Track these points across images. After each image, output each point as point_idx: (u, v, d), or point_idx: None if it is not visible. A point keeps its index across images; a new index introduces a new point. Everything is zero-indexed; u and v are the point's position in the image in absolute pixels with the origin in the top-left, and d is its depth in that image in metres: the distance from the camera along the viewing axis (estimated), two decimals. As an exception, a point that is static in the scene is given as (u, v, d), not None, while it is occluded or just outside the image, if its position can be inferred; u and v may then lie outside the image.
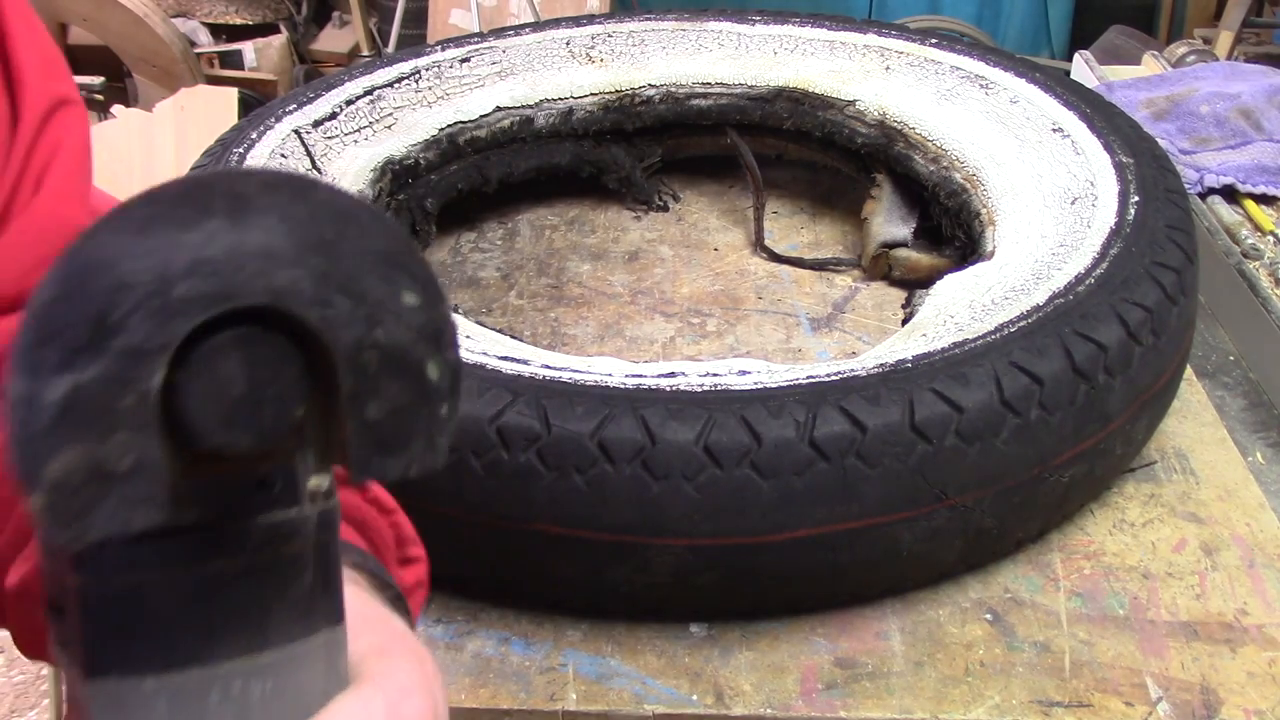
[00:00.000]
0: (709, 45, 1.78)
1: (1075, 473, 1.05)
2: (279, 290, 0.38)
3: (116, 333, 0.36)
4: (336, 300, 0.39)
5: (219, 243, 0.37)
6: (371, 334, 0.39)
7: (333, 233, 0.39)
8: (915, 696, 0.95)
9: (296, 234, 0.38)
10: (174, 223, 0.37)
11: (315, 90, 1.60)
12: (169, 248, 0.37)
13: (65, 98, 0.65)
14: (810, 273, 1.60)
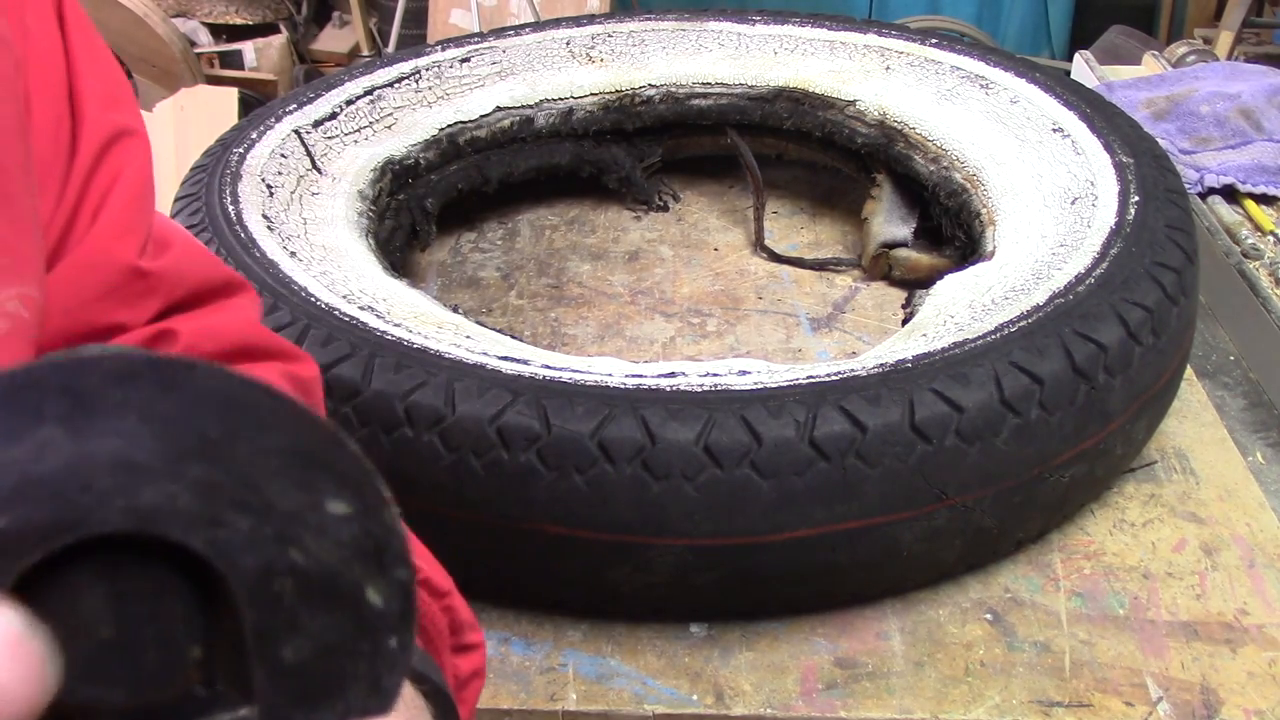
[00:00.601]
0: (709, 45, 1.78)
1: (1075, 473, 1.05)
2: (145, 512, 0.30)
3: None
4: (231, 518, 0.31)
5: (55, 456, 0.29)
6: (285, 556, 0.31)
7: (219, 429, 0.31)
8: (915, 696, 0.95)
9: (165, 437, 0.31)
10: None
11: (315, 90, 1.60)
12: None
13: (126, 128, 0.63)
14: (810, 273, 1.60)
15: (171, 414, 0.31)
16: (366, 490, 0.33)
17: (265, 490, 0.31)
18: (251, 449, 0.32)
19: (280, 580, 0.31)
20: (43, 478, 0.29)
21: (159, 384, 0.31)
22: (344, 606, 0.32)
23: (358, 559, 0.33)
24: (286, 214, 1.34)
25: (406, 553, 0.33)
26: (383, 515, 0.33)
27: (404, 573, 0.34)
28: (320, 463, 0.33)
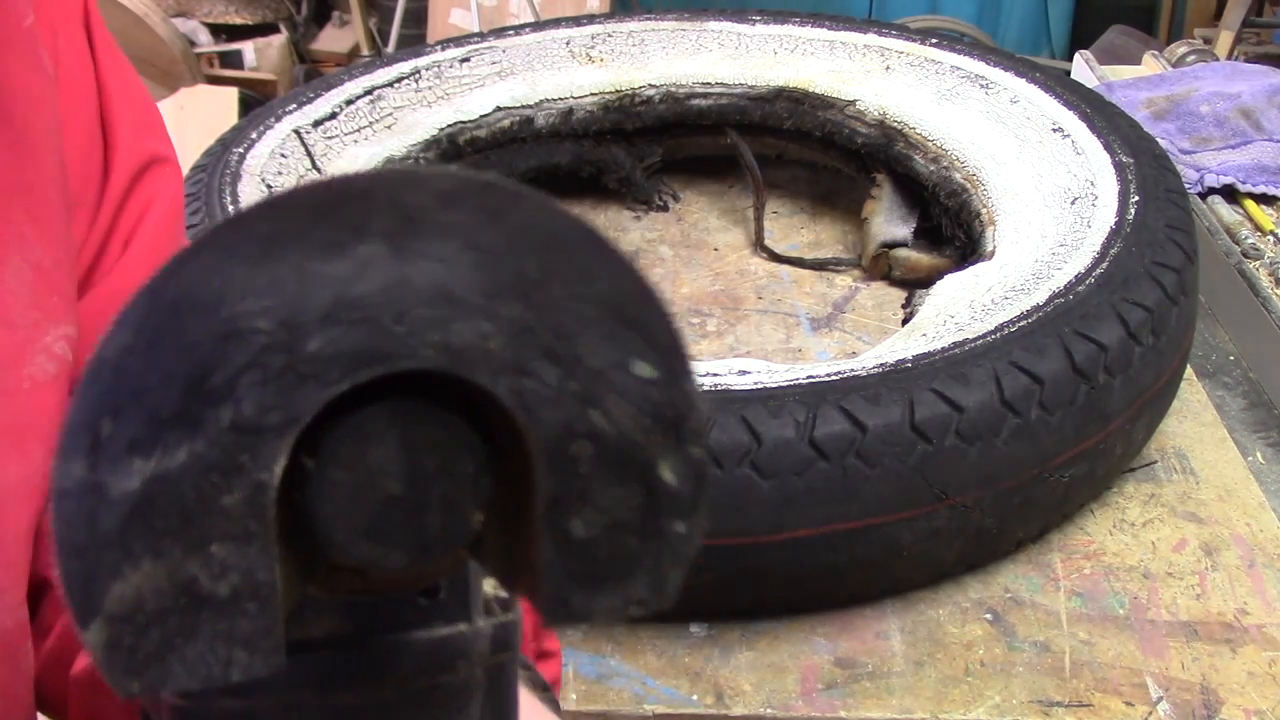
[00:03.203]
0: (709, 45, 1.78)
1: (1075, 473, 1.05)
2: (458, 350, 0.27)
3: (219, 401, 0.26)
4: (539, 367, 0.28)
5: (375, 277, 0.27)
6: (586, 418, 0.28)
7: (539, 269, 0.28)
8: (915, 696, 0.95)
9: (487, 269, 0.28)
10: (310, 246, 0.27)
11: (315, 90, 1.60)
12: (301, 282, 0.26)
13: (158, 155, 0.63)
14: (810, 273, 1.60)
15: (494, 244, 0.28)
16: (674, 355, 0.30)
17: (576, 341, 0.28)
18: (567, 293, 0.28)
19: (579, 443, 0.28)
20: (359, 299, 0.27)
21: (486, 210, 0.29)
22: (637, 480, 0.29)
23: (657, 429, 0.29)
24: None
25: (704, 429, 0.30)
26: (685, 385, 0.30)
27: (699, 451, 0.30)
28: (632, 318, 0.29)
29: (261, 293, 0.26)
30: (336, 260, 0.27)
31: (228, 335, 0.26)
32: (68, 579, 0.27)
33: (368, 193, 0.28)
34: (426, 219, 0.28)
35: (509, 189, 0.30)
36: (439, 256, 0.27)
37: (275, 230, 0.27)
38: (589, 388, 0.28)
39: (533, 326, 0.28)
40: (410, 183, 0.29)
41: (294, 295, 0.26)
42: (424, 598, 0.33)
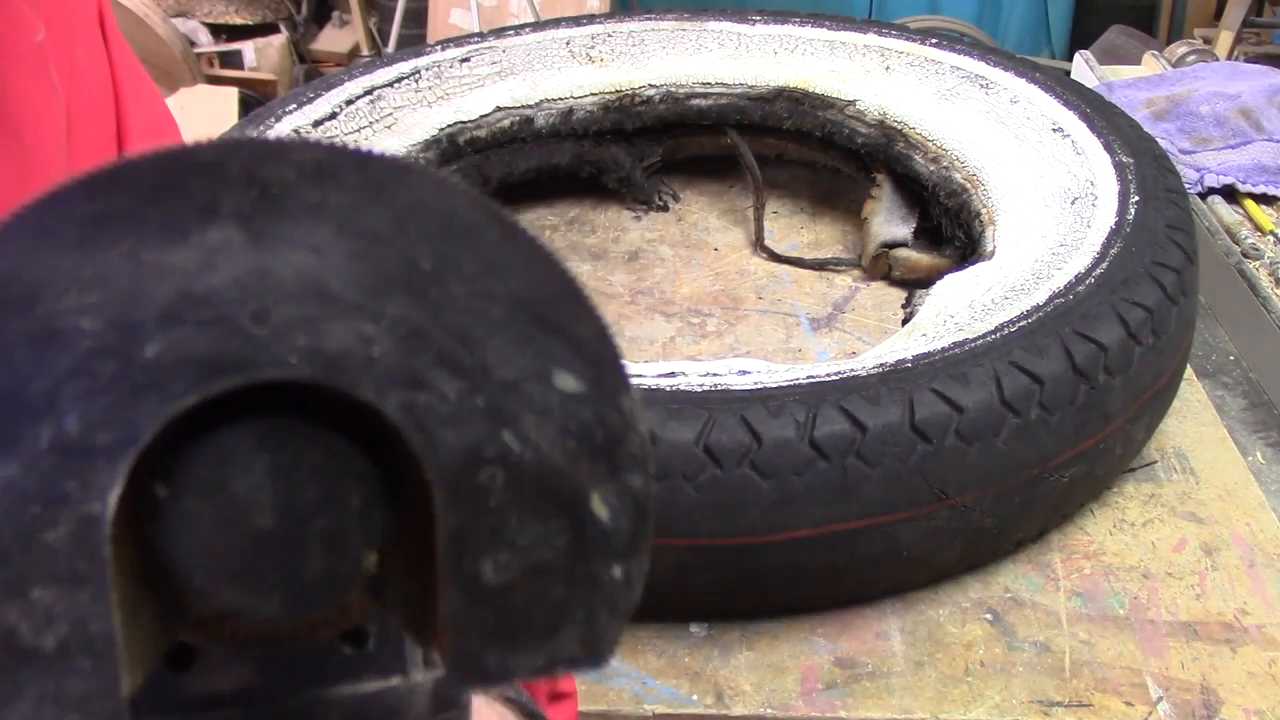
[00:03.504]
0: (709, 45, 1.78)
1: (1075, 473, 1.05)
2: (334, 357, 0.23)
3: (37, 416, 0.22)
4: (435, 378, 0.23)
5: (227, 268, 0.23)
6: (496, 439, 0.24)
7: (434, 259, 0.24)
8: (915, 696, 0.95)
9: (368, 258, 0.23)
10: (146, 229, 0.22)
11: (315, 90, 1.60)
12: (135, 272, 0.22)
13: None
14: (810, 273, 1.60)
15: (377, 229, 0.24)
16: (605, 365, 0.25)
17: (481, 347, 0.24)
18: (470, 290, 0.24)
19: (488, 470, 0.24)
20: (209, 294, 0.22)
21: (365, 188, 0.24)
22: (562, 514, 0.25)
23: (585, 454, 0.25)
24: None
25: (645, 454, 0.25)
26: (619, 400, 0.25)
27: (638, 480, 0.25)
28: (552, 320, 0.24)
29: (86, 285, 0.22)
30: (179, 247, 0.22)
31: (46, 336, 0.22)
32: None
33: (217, 165, 0.23)
34: (291, 197, 0.23)
35: (392, 162, 0.25)
36: (307, 243, 0.23)
37: (103, 209, 0.23)
38: (499, 403, 0.24)
39: (426, 329, 0.23)
40: (268, 153, 0.24)
41: (127, 289, 0.22)
42: (349, 646, 0.29)
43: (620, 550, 0.25)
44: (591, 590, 0.25)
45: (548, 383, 0.24)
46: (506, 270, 0.24)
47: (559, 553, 0.25)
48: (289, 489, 0.24)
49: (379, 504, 0.25)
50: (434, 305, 0.24)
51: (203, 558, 0.24)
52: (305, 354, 0.23)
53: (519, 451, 0.24)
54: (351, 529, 0.24)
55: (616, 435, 0.25)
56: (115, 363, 0.22)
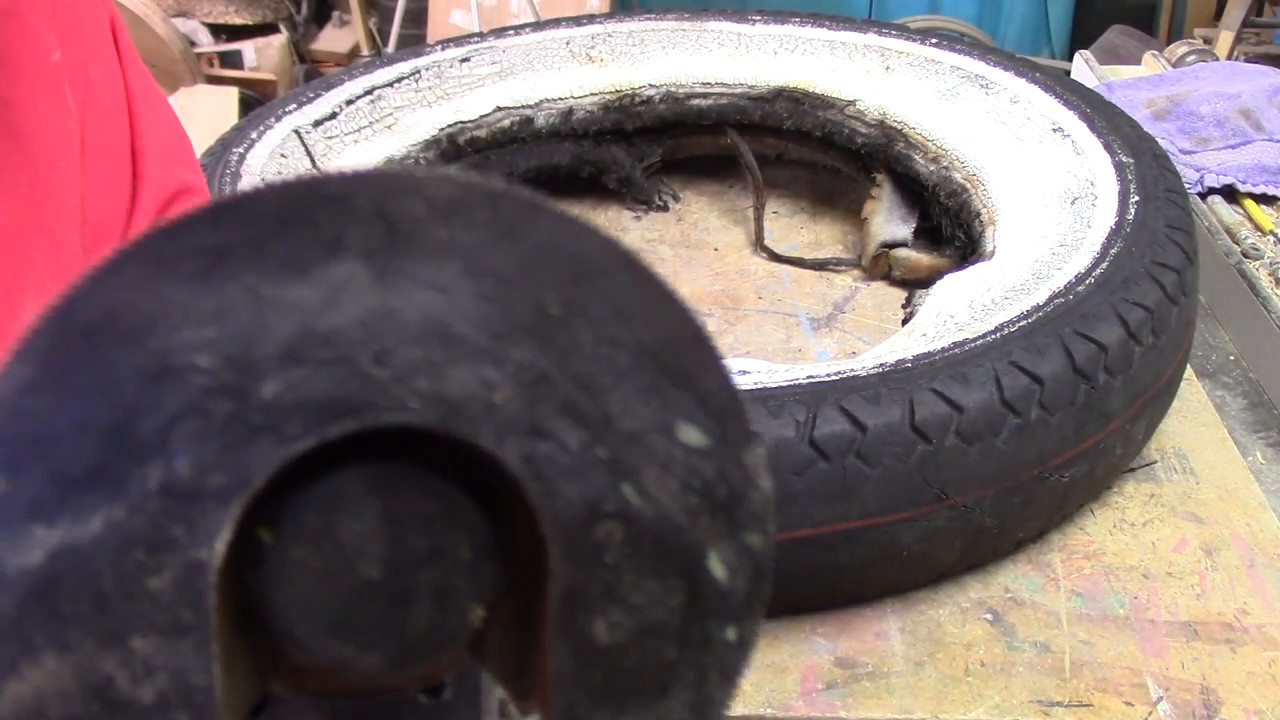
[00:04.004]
0: (709, 45, 1.78)
1: (1075, 473, 1.05)
2: (455, 402, 0.22)
3: (147, 456, 0.20)
4: (558, 428, 0.22)
5: (351, 306, 0.21)
6: (616, 493, 0.23)
7: (562, 302, 0.22)
8: (915, 696, 0.95)
9: (496, 301, 0.22)
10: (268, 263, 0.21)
11: (315, 90, 1.60)
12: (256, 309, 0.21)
13: (187, 184, 0.62)
14: (810, 273, 1.60)
15: (506, 270, 0.22)
16: (731, 418, 0.24)
17: (606, 396, 0.22)
18: (598, 336, 0.22)
19: (606, 525, 0.23)
20: (330, 333, 0.21)
21: (496, 226, 0.22)
22: (678, 573, 0.23)
23: (706, 510, 0.23)
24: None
25: (766, 512, 0.24)
26: (744, 456, 0.24)
27: (758, 539, 0.24)
28: (680, 370, 0.23)
29: (204, 321, 0.21)
30: (302, 282, 0.21)
31: (160, 373, 0.20)
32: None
33: (345, 198, 0.22)
34: (419, 234, 0.22)
35: (526, 200, 0.23)
36: (434, 283, 0.22)
37: (225, 242, 0.21)
38: (621, 456, 0.22)
39: (551, 376, 0.22)
40: (400, 187, 0.22)
41: (246, 326, 0.21)
42: (425, 695, 0.27)
43: (735, 611, 0.25)
44: (704, 652, 0.24)
45: (672, 435, 0.23)
46: (635, 316, 0.23)
47: (673, 612, 0.24)
48: (399, 538, 0.23)
49: (490, 557, 0.24)
50: (560, 351, 0.22)
51: (306, 608, 0.22)
52: (426, 398, 0.21)
53: (639, 506, 0.23)
54: (461, 582, 0.23)
55: (739, 492, 0.24)
56: (231, 402, 0.21)
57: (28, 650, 0.20)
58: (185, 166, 0.63)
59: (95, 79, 0.58)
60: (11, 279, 0.51)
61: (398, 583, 0.23)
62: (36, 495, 0.20)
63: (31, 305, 0.52)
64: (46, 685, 0.20)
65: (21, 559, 0.20)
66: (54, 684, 0.20)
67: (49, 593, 0.20)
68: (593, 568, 0.23)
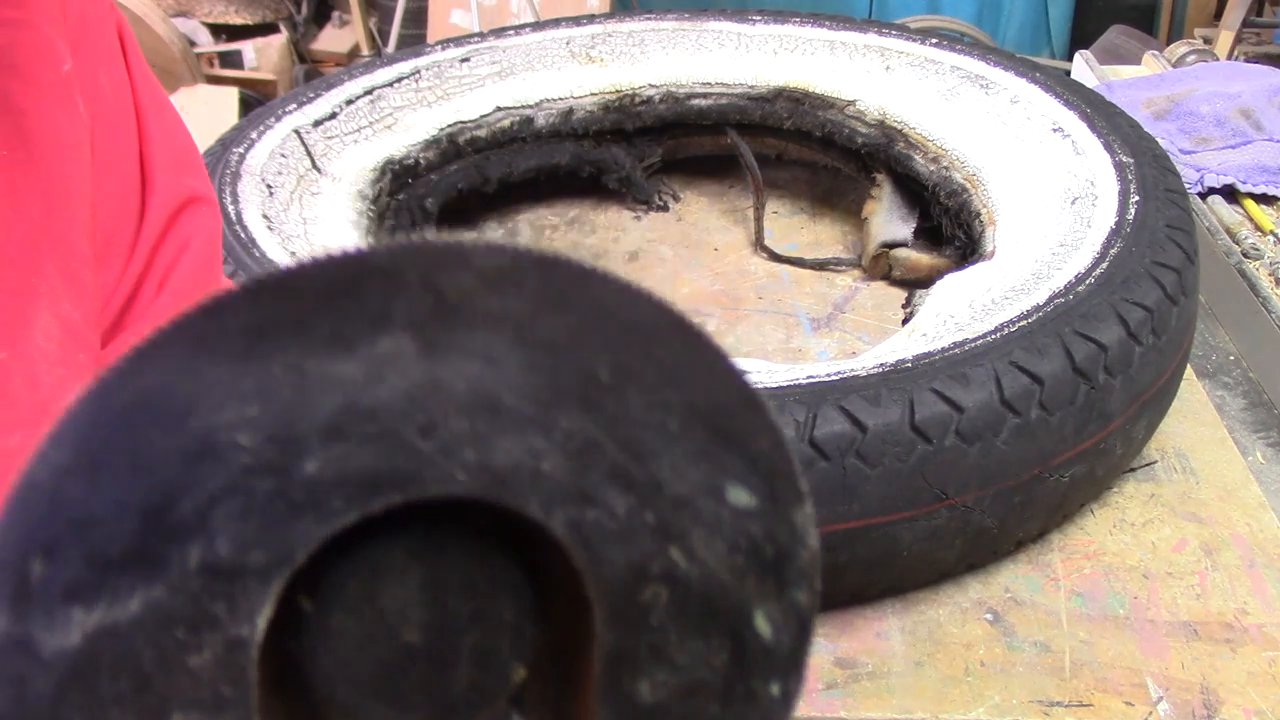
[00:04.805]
0: (709, 45, 1.78)
1: (1075, 473, 1.05)
2: (502, 472, 0.22)
3: (187, 536, 0.21)
4: (606, 495, 0.22)
5: (397, 379, 0.21)
6: (663, 556, 0.23)
7: (612, 369, 0.22)
8: (915, 696, 0.95)
9: (544, 369, 0.22)
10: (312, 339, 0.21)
11: (315, 90, 1.60)
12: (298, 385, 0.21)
13: (195, 195, 0.62)
14: (810, 273, 1.60)
15: (556, 339, 0.22)
16: (781, 479, 0.24)
17: (655, 461, 0.22)
18: (647, 400, 0.22)
19: (652, 588, 0.23)
20: (375, 408, 0.21)
21: (546, 295, 0.22)
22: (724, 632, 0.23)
23: (753, 571, 0.24)
24: (286, 214, 1.34)
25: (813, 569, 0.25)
26: (793, 515, 0.25)
27: (804, 596, 0.25)
28: (730, 432, 0.23)
29: (245, 399, 0.21)
30: (347, 357, 0.21)
31: (200, 453, 0.20)
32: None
33: (392, 271, 0.22)
34: (468, 305, 0.22)
35: (578, 266, 0.23)
36: (482, 353, 0.21)
37: (267, 319, 0.21)
38: (669, 520, 0.22)
39: (599, 443, 0.22)
40: (449, 258, 0.22)
41: (288, 402, 0.21)
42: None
43: (780, 667, 0.24)
44: (748, 708, 0.24)
45: (720, 498, 0.23)
46: (686, 380, 0.23)
47: (717, 671, 0.24)
48: (441, 603, 0.23)
49: (532, 618, 0.24)
50: (609, 418, 0.22)
51: (348, 673, 0.22)
52: (472, 470, 0.21)
53: (685, 569, 0.23)
54: (503, 644, 0.23)
55: (786, 551, 0.24)
56: (272, 480, 0.21)
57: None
58: (194, 175, 0.63)
59: (104, 88, 0.58)
60: (24, 286, 0.51)
61: (439, 646, 0.23)
62: (74, 577, 0.20)
63: (43, 312, 0.52)
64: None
65: (59, 641, 0.20)
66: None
67: (88, 674, 0.20)
68: (638, 630, 0.23)
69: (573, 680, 0.24)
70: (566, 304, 0.23)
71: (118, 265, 0.58)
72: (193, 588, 0.20)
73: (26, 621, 0.20)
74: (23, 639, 0.20)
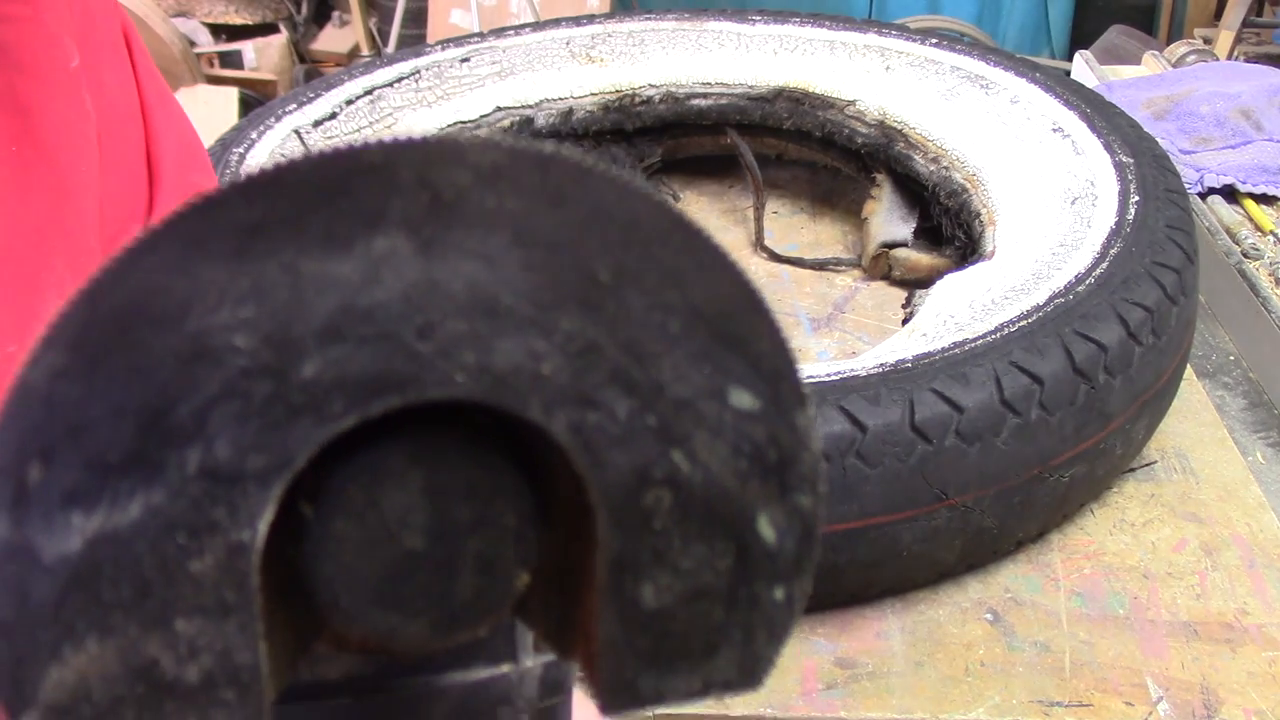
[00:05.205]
0: (709, 45, 1.78)
1: (1075, 473, 1.05)
2: (501, 375, 0.21)
3: (185, 440, 0.20)
4: (607, 397, 0.22)
5: (393, 280, 0.21)
6: (666, 460, 0.23)
7: (612, 269, 0.22)
8: (915, 696, 0.95)
9: (544, 269, 0.22)
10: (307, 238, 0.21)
11: (315, 90, 1.60)
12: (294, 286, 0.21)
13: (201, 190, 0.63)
14: (810, 273, 1.60)
15: (555, 238, 0.22)
16: (783, 380, 0.23)
17: (657, 364, 0.22)
18: (649, 303, 0.22)
19: (655, 492, 0.23)
20: (372, 309, 0.21)
21: (544, 192, 0.22)
22: (727, 536, 0.23)
23: (756, 474, 0.23)
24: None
25: (816, 473, 0.24)
26: (795, 418, 0.24)
27: (808, 500, 0.24)
28: (732, 334, 0.23)
29: (241, 300, 0.20)
30: (342, 257, 0.21)
31: (196, 355, 0.20)
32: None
33: (386, 167, 0.21)
34: (464, 203, 0.21)
35: (575, 163, 0.23)
36: (480, 253, 0.21)
37: (260, 217, 0.21)
38: (671, 422, 0.22)
39: (600, 345, 0.22)
40: (444, 155, 0.22)
41: (284, 303, 0.21)
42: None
43: (784, 572, 0.24)
44: (751, 612, 0.24)
45: (723, 400, 0.23)
46: (687, 280, 0.23)
47: (721, 575, 0.24)
48: (442, 508, 0.23)
49: (534, 523, 0.24)
50: (610, 319, 0.22)
51: (350, 579, 0.23)
52: (472, 372, 0.21)
53: (688, 472, 0.23)
54: (506, 549, 0.23)
55: (789, 454, 0.24)
56: (270, 383, 0.21)
57: (70, 636, 0.20)
58: (200, 171, 0.64)
59: (110, 84, 0.58)
60: (33, 281, 0.51)
61: (442, 552, 0.23)
62: (73, 482, 0.20)
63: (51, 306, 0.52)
64: (90, 669, 0.20)
65: (60, 547, 0.20)
66: (98, 668, 0.21)
67: (89, 579, 0.20)
68: (641, 534, 0.23)
69: (575, 586, 0.24)
70: (565, 202, 0.22)
71: None
72: (192, 492, 0.20)
73: (26, 527, 0.20)
74: (23, 545, 0.20)
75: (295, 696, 0.25)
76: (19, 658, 0.21)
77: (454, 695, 0.28)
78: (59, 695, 0.21)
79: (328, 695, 0.27)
